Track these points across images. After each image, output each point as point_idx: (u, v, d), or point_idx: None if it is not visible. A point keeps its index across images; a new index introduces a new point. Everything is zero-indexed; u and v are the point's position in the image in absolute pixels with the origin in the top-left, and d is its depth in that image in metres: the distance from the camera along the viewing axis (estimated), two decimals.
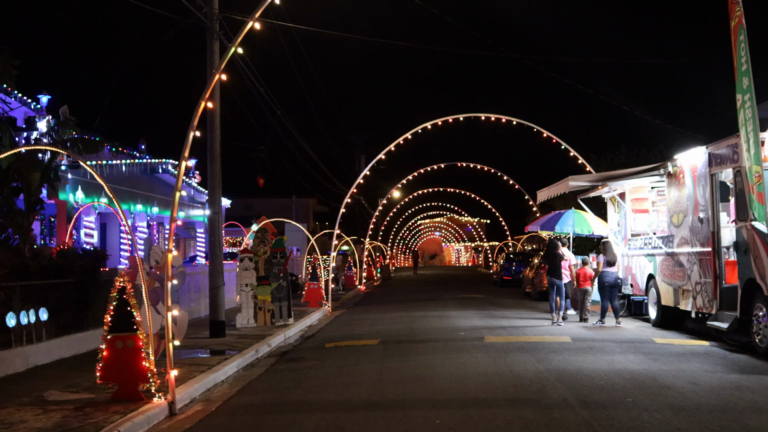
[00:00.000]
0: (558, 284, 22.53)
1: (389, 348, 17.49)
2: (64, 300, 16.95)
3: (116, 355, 11.62)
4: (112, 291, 11.62)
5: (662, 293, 20.72)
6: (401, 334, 20.19)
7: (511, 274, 45.15)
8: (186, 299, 24.87)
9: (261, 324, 23.07)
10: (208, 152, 20.24)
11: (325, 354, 17.22)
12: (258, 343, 18.78)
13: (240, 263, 23.60)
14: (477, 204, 69.27)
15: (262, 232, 24.12)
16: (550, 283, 22.61)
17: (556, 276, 22.58)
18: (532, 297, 32.88)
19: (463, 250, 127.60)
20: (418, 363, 15.05)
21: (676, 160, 19.82)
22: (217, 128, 20.31)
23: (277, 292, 23.49)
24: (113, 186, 29.83)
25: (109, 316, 11.62)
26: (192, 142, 11.68)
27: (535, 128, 31.49)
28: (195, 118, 11.43)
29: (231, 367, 15.38)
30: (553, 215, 28.36)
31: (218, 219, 20.36)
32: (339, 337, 20.27)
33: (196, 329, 21.73)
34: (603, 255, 22.16)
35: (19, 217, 19.80)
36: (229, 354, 16.88)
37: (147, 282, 14.10)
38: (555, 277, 22.62)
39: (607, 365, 14.20)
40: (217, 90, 19.94)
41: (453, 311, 26.95)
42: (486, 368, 14.12)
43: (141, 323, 11.65)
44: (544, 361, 14.80)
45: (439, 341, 18.23)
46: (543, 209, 51.52)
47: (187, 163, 11.15)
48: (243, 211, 57.59)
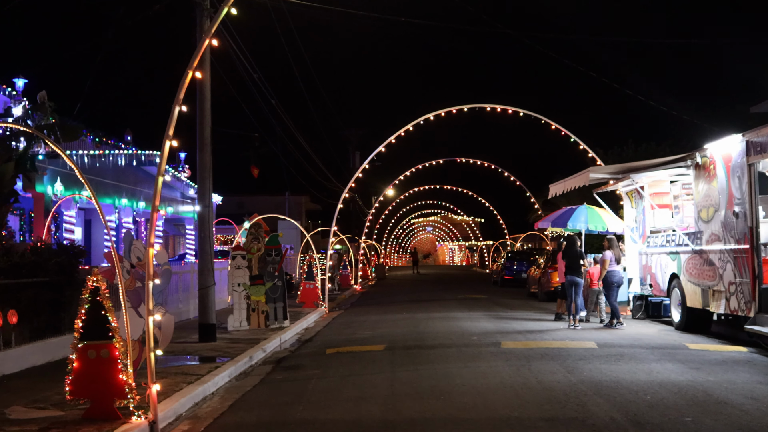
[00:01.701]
0: (578, 283, 21.07)
1: (397, 355, 15.86)
2: (38, 301, 15.29)
3: (89, 366, 9.97)
4: (83, 292, 9.99)
5: (688, 294, 19.20)
6: (408, 338, 18.57)
7: (513, 274, 43.61)
8: (174, 300, 23.23)
9: (254, 327, 21.45)
10: (198, 140, 18.61)
11: (327, 361, 15.58)
12: (252, 348, 17.16)
13: (232, 261, 21.96)
14: (474, 202, 67.80)
15: (255, 228, 22.47)
16: (571, 282, 21.08)
17: (578, 274, 21.06)
18: (538, 298, 31.31)
19: (457, 249, 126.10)
20: (432, 372, 13.42)
21: (705, 150, 18.27)
22: (208, 114, 18.70)
23: (271, 293, 21.86)
24: (96, 178, 28.46)
25: (80, 321, 9.98)
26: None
27: (543, 120, 29.92)
28: (181, 91, 9.80)
29: (222, 377, 13.75)
30: (564, 211, 26.80)
31: (208, 213, 18.72)
32: (340, 342, 18.65)
33: (184, 332, 20.11)
34: (609, 251, 20.71)
35: None
36: (221, 361, 15.26)
37: (127, 281, 12.49)
38: (576, 275, 21.14)
39: (646, 375, 12.62)
40: (207, 65, 18.32)
41: (458, 313, 25.37)
42: (511, 379, 12.51)
43: (117, 329, 10.02)
44: (574, 370, 13.20)
45: (452, 347, 16.62)
46: (545, 207, 50.15)
47: (171, 143, 9.48)
48: (234, 208, 56.06)
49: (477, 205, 68.77)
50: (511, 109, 29.74)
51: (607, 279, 20.82)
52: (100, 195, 27.10)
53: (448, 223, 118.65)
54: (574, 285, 21.14)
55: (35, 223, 23.76)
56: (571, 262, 21.35)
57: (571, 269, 21.29)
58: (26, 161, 19.00)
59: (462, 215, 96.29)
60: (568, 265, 21.46)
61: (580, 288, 21.18)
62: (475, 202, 66.55)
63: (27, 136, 19.53)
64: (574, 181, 23.50)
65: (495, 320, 22.50)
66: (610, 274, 20.71)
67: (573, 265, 21.24)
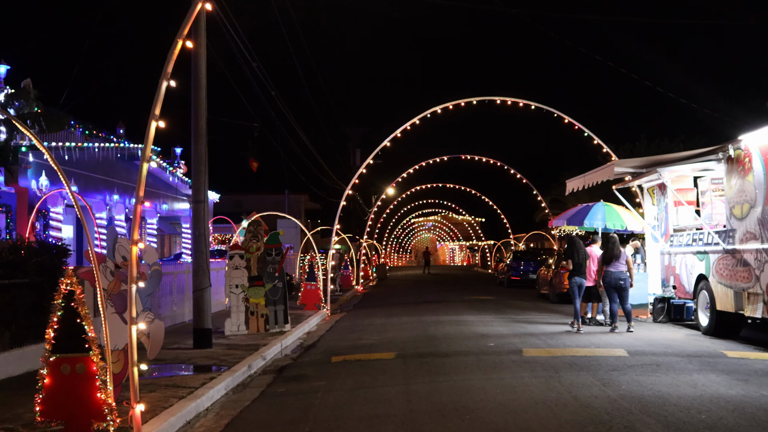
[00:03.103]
0: (584, 284, 19.89)
1: (410, 364, 14.49)
2: (15, 305, 13.91)
3: (62, 383, 8.61)
4: (56, 297, 8.62)
5: (718, 297, 17.87)
6: (419, 344, 17.20)
7: (520, 274, 42.26)
8: (168, 302, 21.86)
9: (253, 331, 20.07)
10: (192, 130, 17.25)
11: (333, 371, 14.19)
12: (250, 355, 15.80)
13: (229, 261, 20.57)
14: (476, 201, 66.45)
15: (254, 226, 21.07)
16: (578, 284, 19.88)
17: (584, 276, 19.91)
18: (550, 299, 29.97)
19: (458, 249, 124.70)
20: (452, 386, 12.05)
21: (740, 142, 16.94)
22: (203, 102, 17.34)
23: (271, 295, 20.48)
24: (86, 173, 26.96)
25: (51, 330, 8.62)
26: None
27: (556, 113, 28.51)
28: (170, 63, 8.44)
29: (218, 390, 12.38)
30: (580, 208, 25.47)
31: (204, 209, 17.32)
32: (345, 348, 17.27)
33: (178, 337, 18.76)
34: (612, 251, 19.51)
35: None
36: (217, 371, 13.90)
37: (111, 284, 11.09)
38: (583, 276, 19.97)
39: (692, 389, 11.27)
40: (203, 48, 16.96)
41: (468, 316, 24.01)
42: (542, 394, 11.15)
43: (95, 340, 8.66)
44: (610, 383, 11.84)
45: (468, 354, 15.24)
46: (553, 205, 48.86)
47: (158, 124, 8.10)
48: (232, 207, 54.70)
49: (479, 204, 67.47)
50: (522, 102, 28.37)
51: (603, 280, 19.69)
52: (89, 190, 25.77)
53: (449, 222, 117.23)
54: (579, 287, 19.92)
55: (18, 220, 22.37)
56: (579, 263, 20.14)
57: (577, 270, 20.08)
58: (8, 153, 17.65)
59: (464, 215, 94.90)
60: (576, 266, 20.26)
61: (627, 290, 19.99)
62: (477, 201, 65.23)
63: (8, 125, 18.17)
64: (595, 176, 22.15)
65: (509, 324, 21.17)
66: (605, 274, 19.52)
67: (580, 266, 20.04)
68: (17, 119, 17.16)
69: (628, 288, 19.51)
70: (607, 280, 19.56)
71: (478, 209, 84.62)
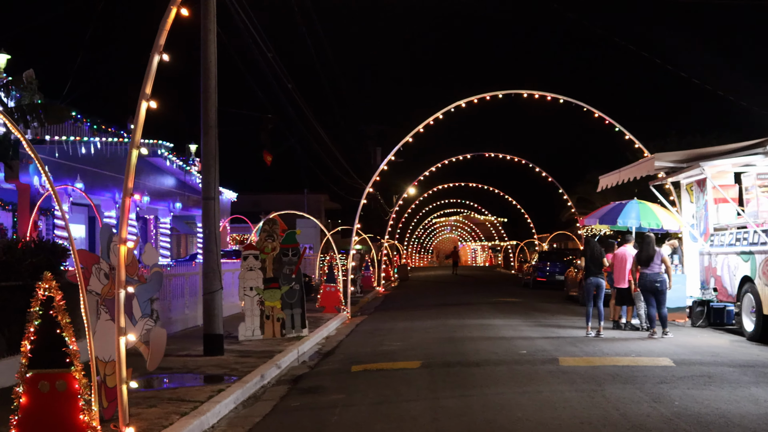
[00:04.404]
0: (603, 285, 18.82)
1: (436, 374, 13.30)
2: (7, 309, 12.83)
3: (40, 402, 7.49)
4: (32, 303, 7.50)
5: (765, 300, 16.67)
6: (445, 351, 16.02)
7: (546, 276, 40.94)
8: (179, 305, 20.77)
9: (269, 336, 18.94)
10: (202, 122, 16.13)
11: (352, 382, 13.01)
12: (264, 364, 14.65)
13: (243, 262, 19.42)
14: (498, 200, 65.07)
15: (269, 225, 19.92)
16: (595, 285, 18.78)
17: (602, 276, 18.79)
18: (579, 302, 28.63)
19: (480, 249, 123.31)
20: (484, 401, 10.85)
21: None
22: (213, 92, 16.21)
23: (288, 297, 19.33)
24: (93, 169, 25.85)
25: (28, 342, 7.50)
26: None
27: (585, 107, 27.25)
28: (162, 34, 7.30)
29: (226, 404, 11.24)
30: (613, 206, 24.15)
31: (214, 206, 16.18)
32: (366, 356, 16.09)
33: (188, 342, 17.68)
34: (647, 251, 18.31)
35: None
36: (227, 381, 12.77)
37: (105, 287, 10.01)
38: (601, 276, 18.92)
39: (754, 406, 10.07)
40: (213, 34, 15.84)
41: (495, 319, 22.81)
42: (585, 411, 9.95)
43: (77, 354, 7.53)
44: (660, 398, 10.62)
45: (500, 364, 14.03)
46: (579, 204, 47.55)
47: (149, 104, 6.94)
48: (250, 206, 53.65)
49: (501, 203, 66.08)
50: (550, 96, 27.17)
51: (638, 282, 18.61)
52: (97, 188, 24.70)
53: (471, 222, 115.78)
54: (598, 287, 18.74)
55: (19, 218, 21.33)
56: (595, 263, 18.98)
57: (594, 270, 18.90)
58: (8, 147, 16.60)
59: (486, 214, 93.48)
60: (591, 265, 19.11)
61: (602, 291, 18.83)
62: (499, 200, 63.86)
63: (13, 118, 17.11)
64: (632, 171, 20.94)
65: (538, 328, 19.97)
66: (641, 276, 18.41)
67: (597, 266, 18.86)
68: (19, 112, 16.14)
69: (665, 291, 18.27)
70: (642, 283, 18.37)
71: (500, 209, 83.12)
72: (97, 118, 23.86)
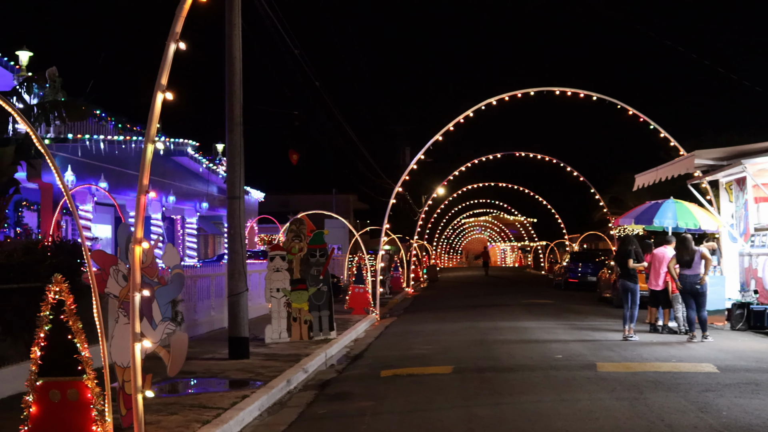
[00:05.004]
0: (633, 289, 18.16)
1: (469, 380, 12.78)
2: (26, 312, 12.42)
3: (51, 412, 7.08)
4: (42, 307, 7.08)
5: None
6: (477, 355, 15.48)
7: (578, 277, 40.22)
8: (204, 307, 20.35)
9: (296, 338, 18.49)
10: (227, 119, 15.70)
11: (382, 388, 12.51)
12: (291, 368, 14.19)
13: (270, 263, 18.98)
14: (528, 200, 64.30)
15: (296, 224, 19.47)
16: (624, 288, 18.24)
17: (631, 279, 18.27)
18: (613, 303, 27.98)
19: (509, 250, 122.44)
20: (520, 409, 10.32)
21: None
22: (238, 89, 15.78)
23: (315, 299, 18.88)
24: (118, 169, 25.44)
25: (38, 348, 7.08)
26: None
27: (619, 105, 26.60)
28: (179, 21, 6.83)
29: (250, 411, 10.78)
30: (649, 206, 23.44)
31: (239, 205, 15.74)
32: (395, 360, 15.60)
33: (214, 345, 17.28)
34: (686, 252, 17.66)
35: None
36: (251, 387, 12.32)
37: (123, 290, 9.58)
38: (629, 280, 18.29)
39: None
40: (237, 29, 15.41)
41: (527, 321, 22.25)
42: (629, 422, 9.40)
43: (90, 361, 7.10)
44: (706, 407, 10.04)
45: (535, 369, 13.48)
46: (612, 204, 46.76)
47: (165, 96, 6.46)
48: (278, 207, 53.32)
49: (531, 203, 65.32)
50: (583, 93, 26.53)
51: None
52: (122, 188, 24.33)
53: (500, 222, 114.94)
54: (630, 292, 18.08)
55: (42, 218, 20.99)
56: (624, 265, 18.36)
57: (624, 273, 18.29)
58: (30, 146, 16.24)
59: (516, 215, 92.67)
60: (621, 268, 18.50)
61: (637, 295, 18.12)
62: (529, 200, 63.12)
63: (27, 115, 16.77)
64: (670, 169, 20.34)
65: (573, 331, 19.40)
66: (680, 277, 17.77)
67: (626, 269, 18.24)
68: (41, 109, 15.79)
69: (705, 293, 17.61)
70: (682, 284, 17.75)
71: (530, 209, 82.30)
72: (122, 117, 23.53)
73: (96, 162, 23.15)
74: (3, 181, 15.77)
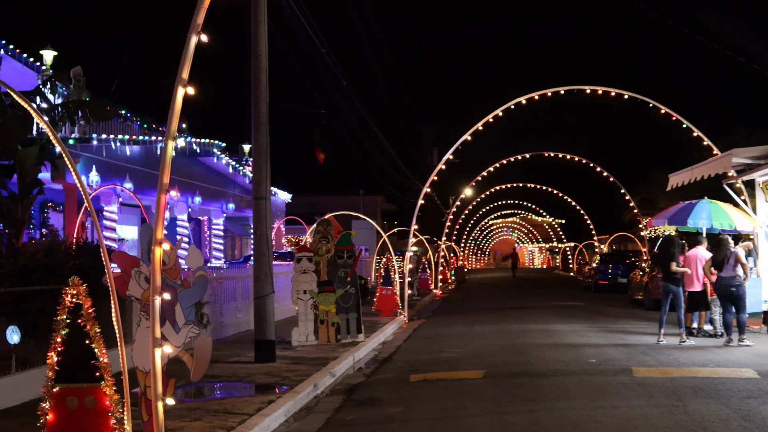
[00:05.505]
0: (675, 291, 17.70)
1: (501, 385, 12.42)
2: (48, 315, 12.18)
3: (68, 420, 6.82)
4: (59, 311, 6.81)
5: None
6: (509, 360, 15.12)
7: (608, 278, 39.71)
8: (231, 309, 20.12)
9: (323, 341, 18.20)
10: (252, 118, 15.44)
11: (411, 393, 12.18)
12: (318, 372, 13.89)
13: (297, 264, 18.69)
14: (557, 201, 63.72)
15: (324, 225, 19.18)
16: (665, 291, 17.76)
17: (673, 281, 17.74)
18: (645, 306, 27.49)
19: (537, 251, 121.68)
20: (555, 417, 9.95)
21: None
22: (264, 87, 15.51)
23: (343, 302, 18.58)
24: (143, 169, 25.30)
25: (55, 354, 6.81)
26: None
27: (651, 103, 26.11)
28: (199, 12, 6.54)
29: (276, 417, 10.49)
30: (682, 206, 22.96)
31: (265, 206, 15.46)
32: (425, 363, 15.26)
33: (240, 348, 17.02)
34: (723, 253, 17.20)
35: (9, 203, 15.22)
36: (277, 391, 12.03)
37: (145, 293, 9.28)
38: (671, 282, 17.76)
39: None
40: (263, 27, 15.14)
41: (557, 324, 21.85)
42: (669, 431, 9.01)
43: (108, 368, 6.82)
44: (751, 416, 9.62)
45: (569, 374, 13.09)
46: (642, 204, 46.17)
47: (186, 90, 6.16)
48: (305, 208, 53.02)
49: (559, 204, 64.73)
50: (614, 91, 26.05)
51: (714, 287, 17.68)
52: (147, 188, 24.10)
53: (528, 224, 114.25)
54: (672, 294, 17.59)
55: (66, 219, 20.81)
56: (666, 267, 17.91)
57: (666, 275, 17.84)
58: (54, 146, 16.03)
59: (544, 216, 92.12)
60: (663, 270, 18.07)
61: (680, 298, 17.64)
62: (557, 201, 62.56)
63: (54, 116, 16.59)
64: (707, 168, 19.87)
65: (605, 334, 18.98)
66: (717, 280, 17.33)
67: (669, 270, 17.78)
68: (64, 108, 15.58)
69: (741, 295, 17.13)
70: (717, 287, 17.32)
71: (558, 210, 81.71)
72: (148, 117, 23.33)
73: (121, 162, 22.96)
74: (27, 182, 15.57)
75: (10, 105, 15.34)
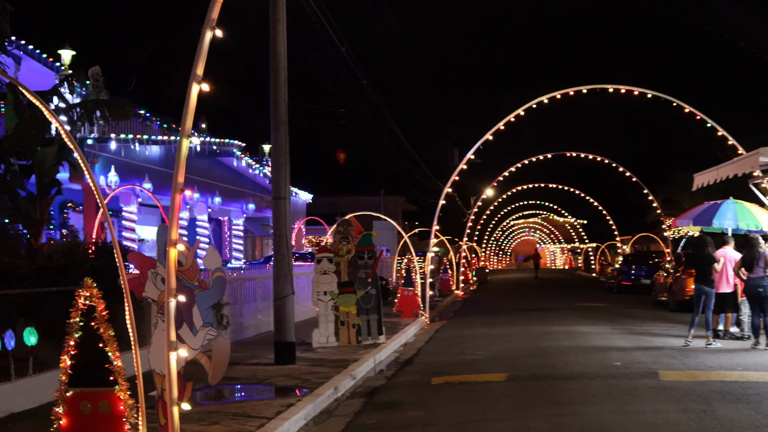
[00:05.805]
0: (708, 293, 17.35)
1: (524, 388, 12.19)
2: (65, 316, 12.08)
3: (82, 425, 6.66)
4: (72, 314, 6.65)
5: None
6: (532, 362, 14.88)
7: (631, 279, 39.32)
8: (251, 310, 19.97)
9: (344, 343, 18.00)
10: (271, 117, 15.27)
11: (433, 397, 11.98)
12: (338, 374, 13.71)
13: (317, 265, 18.50)
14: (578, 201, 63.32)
15: (344, 226, 18.98)
16: (699, 292, 17.47)
17: (707, 283, 17.42)
18: (669, 307, 27.15)
19: (559, 252, 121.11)
20: (580, 422, 9.71)
21: None
22: (283, 86, 15.34)
23: (363, 303, 18.39)
24: (162, 169, 25.24)
25: (68, 357, 6.66)
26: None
27: (675, 102, 25.79)
28: (214, 7, 6.36)
29: (295, 421, 10.31)
30: (708, 206, 22.64)
31: (285, 206, 15.30)
32: (447, 366, 15.04)
33: (260, 350, 16.85)
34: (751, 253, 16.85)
35: (27, 203, 15.13)
36: (298, 394, 11.85)
37: (161, 294, 9.12)
38: (705, 284, 17.42)
39: None
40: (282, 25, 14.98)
41: (581, 326, 21.58)
42: None
43: (122, 372, 6.65)
44: None
45: (593, 378, 12.85)
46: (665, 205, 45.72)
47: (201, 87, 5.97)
48: (326, 208, 52.96)
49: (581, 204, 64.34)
50: (637, 90, 25.72)
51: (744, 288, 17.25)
52: (167, 188, 23.99)
53: (549, 224, 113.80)
54: (705, 295, 17.27)
55: (85, 219, 20.72)
56: (701, 268, 17.59)
57: (700, 277, 17.52)
58: None
59: (565, 216, 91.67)
60: (697, 271, 17.76)
61: (711, 300, 17.31)
62: (579, 201, 62.16)
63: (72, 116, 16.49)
64: (733, 168, 19.50)
65: (629, 336, 18.71)
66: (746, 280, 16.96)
67: (703, 272, 17.45)
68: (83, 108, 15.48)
69: None
70: (746, 288, 17.01)
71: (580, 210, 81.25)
72: (167, 117, 23.23)
73: (140, 162, 22.89)
74: (45, 182, 15.48)
75: (27, 104, 15.25)
